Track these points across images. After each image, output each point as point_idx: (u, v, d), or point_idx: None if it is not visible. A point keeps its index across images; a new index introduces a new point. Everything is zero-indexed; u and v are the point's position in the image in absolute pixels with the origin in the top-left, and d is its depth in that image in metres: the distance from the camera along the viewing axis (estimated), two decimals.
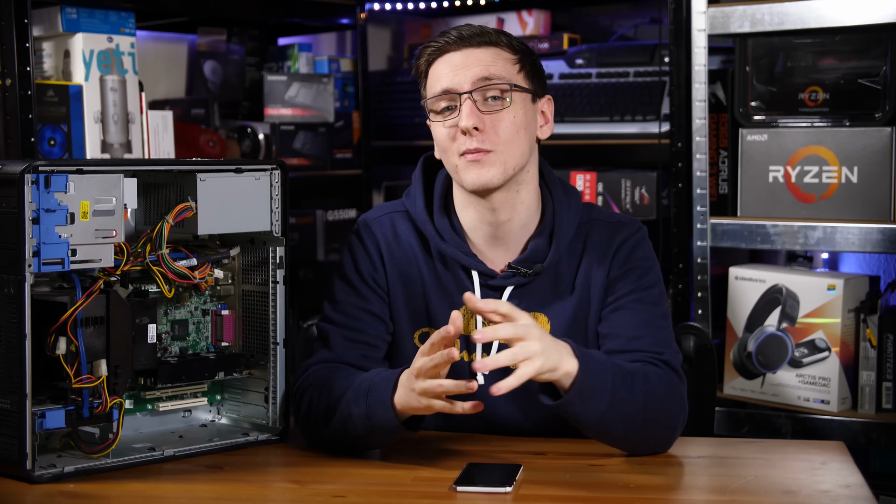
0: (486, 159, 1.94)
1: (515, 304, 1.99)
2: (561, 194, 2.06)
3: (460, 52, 1.97)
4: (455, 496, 1.72)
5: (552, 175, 2.09)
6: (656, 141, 3.06)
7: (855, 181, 2.75)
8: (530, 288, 2.03)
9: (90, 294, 1.83)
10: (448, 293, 2.04)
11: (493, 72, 1.96)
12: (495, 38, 1.99)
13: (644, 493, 1.74)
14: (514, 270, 2.02)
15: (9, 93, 2.53)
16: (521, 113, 1.97)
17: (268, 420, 2.06)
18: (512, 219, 2.02)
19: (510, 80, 1.96)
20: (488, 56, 1.97)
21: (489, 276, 2.03)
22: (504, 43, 1.99)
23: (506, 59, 1.98)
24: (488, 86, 1.95)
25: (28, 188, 1.75)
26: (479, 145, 1.94)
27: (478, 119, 1.94)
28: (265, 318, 2.06)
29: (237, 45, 3.52)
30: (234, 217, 1.99)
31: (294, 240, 3.41)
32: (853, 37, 2.75)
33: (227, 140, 3.27)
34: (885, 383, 2.76)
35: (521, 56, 2.00)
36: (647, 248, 2.06)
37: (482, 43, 1.97)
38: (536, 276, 2.02)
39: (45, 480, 1.78)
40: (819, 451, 1.95)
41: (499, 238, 2.04)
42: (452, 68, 1.96)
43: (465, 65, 1.96)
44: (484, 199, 2.00)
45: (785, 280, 2.85)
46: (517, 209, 2.02)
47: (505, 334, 1.78)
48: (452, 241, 2.04)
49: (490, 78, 1.95)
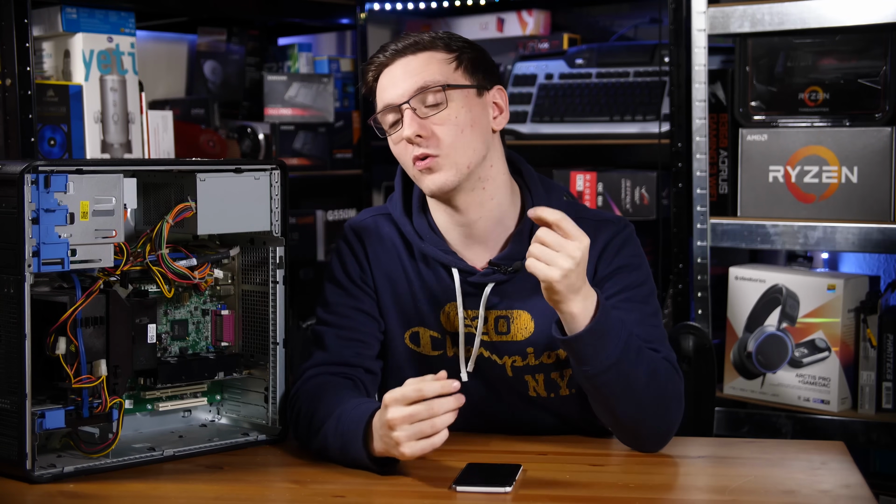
0: (434, 164, 1.95)
1: (497, 300, 2.02)
2: (540, 191, 2.06)
3: (397, 63, 1.98)
4: (455, 496, 1.72)
5: (530, 172, 2.09)
6: (656, 141, 3.06)
7: (855, 181, 2.75)
8: (512, 285, 2.03)
9: (90, 294, 1.83)
10: (432, 292, 2.05)
11: (427, 77, 1.96)
12: (429, 42, 1.99)
13: (644, 493, 1.74)
14: (495, 268, 2.02)
15: (9, 93, 2.53)
16: (464, 111, 1.97)
17: (267, 420, 2.06)
18: (483, 216, 2.02)
19: (445, 80, 1.96)
20: (421, 63, 1.97)
21: (469, 273, 2.03)
22: (440, 45, 1.99)
23: (440, 61, 1.98)
24: (425, 92, 1.95)
25: (28, 188, 1.75)
26: (426, 151, 1.95)
27: (419, 126, 1.94)
28: (265, 318, 2.06)
29: (237, 45, 3.52)
30: (234, 217, 1.99)
31: (294, 240, 3.41)
32: (853, 37, 2.75)
33: (227, 140, 3.27)
34: (885, 383, 2.76)
35: (459, 53, 2.00)
36: (634, 245, 2.06)
37: (416, 50, 1.98)
38: (516, 273, 2.02)
39: (45, 480, 1.78)
40: (819, 451, 1.95)
41: (474, 237, 2.04)
42: (392, 81, 1.98)
43: (402, 76, 1.97)
44: (448, 202, 2.01)
45: (785, 280, 2.85)
46: (486, 206, 2.02)
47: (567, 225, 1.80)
48: (431, 241, 2.05)
49: (425, 85, 1.95)
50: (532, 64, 3.39)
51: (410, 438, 1.75)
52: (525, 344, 2.02)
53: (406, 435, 1.75)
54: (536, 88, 3.35)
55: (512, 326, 2.02)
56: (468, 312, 2.03)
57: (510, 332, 2.02)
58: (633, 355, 1.86)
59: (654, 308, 2.02)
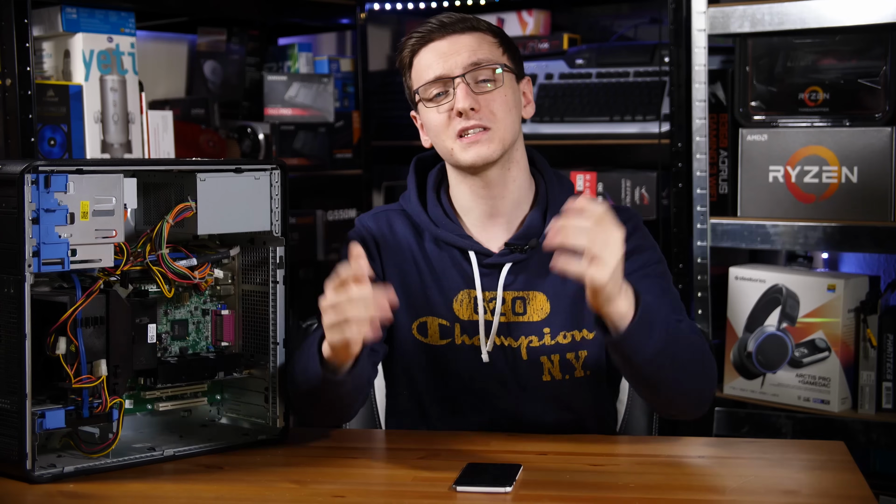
0: (484, 137, 2.02)
1: (512, 280, 2.06)
2: (553, 177, 2.14)
3: (446, 39, 2.05)
4: (455, 496, 1.72)
5: (542, 160, 2.16)
6: (656, 141, 3.06)
7: (855, 181, 2.75)
8: (528, 266, 2.06)
9: (90, 294, 1.83)
10: (445, 279, 2.08)
11: (481, 55, 2.04)
12: (476, 23, 2.08)
13: (644, 493, 1.74)
14: (512, 248, 2.06)
15: (9, 93, 2.53)
16: (511, 92, 2.06)
17: (268, 420, 2.06)
18: (505, 196, 2.08)
19: (497, 61, 2.05)
20: (474, 41, 2.05)
21: (486, 255, 2.07)
22: (485, 28, 2.09)
23: (490, 43, 2.07)
24: (478, 68, 2.03)
25: (28, 188, 1.75)
26: (478, 122, 2.01)
27: (473, 100, 2.01)
28: (265, 317, 2.06)
29: (237, 45, 3.52)
30: (234, 217, 1.99)
31: (294, 240, 3.41)
32: (853, 37, 2.75)
33: (227, 140, 3.27)
34: (885, 383, 2.76)
35: (502, 39, 2.10)
36: (644, 231, 2.11)
37: (465, 29, 2.06)
38: (532, 250, 2.05)
39: (45, 480, 1.78)
40: (819, 451, 1.95)
41: (494, 216, 2.09)
42: (441, 55, 2.04)
43: (453, 51, 2.04)
44: (479, 176, 2.06)
45: (785, 280, 2.85)
46: (509, 186, 2.08)
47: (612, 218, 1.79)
48: (447, 227, 2.09)
49: (479, 62, 2.03)
50: (532, 64, 3.39)
51: (330, 324, 1.81)
52: (541, 325, 2.05)
53: (327, 321, 1.81)
54: (536, 88, 3.35)
55: (528, 307, 2.05)
56: (486, 294, 2.06)
57: (526, 312, 2.06)
58: (674, 334, 1.89)
59: (670, 282, 2.07)
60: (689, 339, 1.93)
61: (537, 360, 2.06)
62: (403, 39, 2.10)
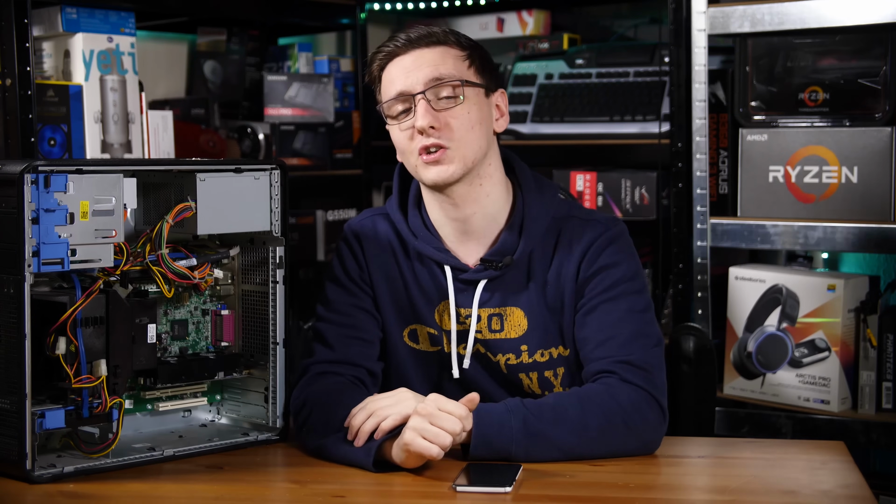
0: (444, 157, 1.98)
1: (488, 297, 2.04)
2: (532, 188, 2.08)
3: (410, 54, 2.00)
4: (455, 496, 1.72)
5: (524, 170, 2.11)
6: (656, 141, 3.06)
7: (855, 181, 2.75)
8: (503, 281, 2.05)
9: (90, 294, 1.83)
10: (426, 290, 2.08)
11: (444, 71, 1.99)
12: (443, 37, 2.01)
13: (644, 493, 1.74)
14: (486, 264, 2.04)
15: (9, 93, 2.53)
16: (475, 108, 2.00)
17: (268, 420, 2.06)
18: (477, 212, 2.04)
19: (461, 76, 2.00)
20: (437, 55, 2.00)
21: (461, 269, 2.06)
22: (452, 41, 2.02)
23: (455, 57, 2.01)
24: (440, 84, 1.98)
25: (28, 188, 1.75)
26: (437, 141, 1.97)
27: (433, 118, 1.97)
28: (265, 318, 2.06)
29: (237, 45, 3.52)
30: (234, 217, 1.99)
31: (294, 240, 3.41)
32: (853, 37, 2.75)
33: (227, 140, 3.27)
34: (885, 383, 2.76)
35: (470, 52, 2.03)
36: (619, 244, 2.05)
37: (430, 43, 2.00)
38: (507, 268, 2.03)
39: (45, 480, 1.78)
40: (819, 451, 1.95)
41: (468, 233, 2.06)
42: (404, 71, 1.99)
43: (416, 66, 1.99)
44: (446, 194, 2.03)
45: (785, 280, 2.85)
46: (482, 202, 2.04)
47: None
48: (425, 238, 2.07)
49: (441, 77, 1.98)
50: (532, 64, 3.39)
51: (417, 430, 1.77)
52: (519, 342, 2.04)
53: (416, 426, 1.78)
54: (536, 88, 3.35)
55: (505, 324, 2.04)
56: (461, 311, 2.04)
57: (504, 329, 2.04)
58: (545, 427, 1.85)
59: (640, 305, 2.02)
60: (583, 412, 1.87)
61: (516, 375, 2.06)
62: (372, 53, 2.06)
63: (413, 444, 1.77)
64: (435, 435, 1.76)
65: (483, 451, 1.83)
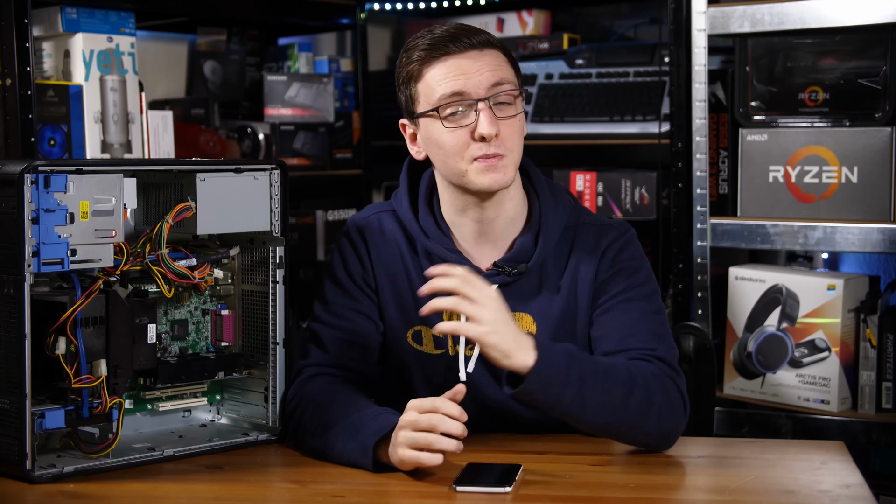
0: (500, 164, 1.95)
1: None
2: (547, 195, 2.07)
3: (465, 54, 1.95)
4: (455, 496, 1.72)
5: (538, 175, 2.10)
6: (656, 141, 3.06)
7: (855, 181, 2.75)
8: (515, 287, 2.03)
9: (90, 294, 1.83)
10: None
11: (503, 76, 1.96)
12: (496, 41, 1.99)
13: (644, 493, 1.74)
14: (499, 269, 2.02)
15: (9, 93, 2.53)
16: (522, 116, 2.00)
17: (267, 420, 2.06)
18: (500, 215, 2.03)
19: (515, 83, 1.98)
20: (495, 60, 1.97)
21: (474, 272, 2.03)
22: (499, 45, 2.00)
23: (506, 62, 1.99)
24: (501, 91, 1.95)
25: (28, 188, 1.75)
26: (496, 150, 1.94)
27: (497, 126, 1.94)
28: (265, 317, 2.06)
29: (237, 45, 3.52)
30: (234, 217, 1.99)
31: (294, 240, 3.41)
32: (853, 37, 2.75)
33: (227, 140, 3.27)
34: (885, 383, 2.76)
35: (510, 57, 2.01)
36: (634, 248, 2.06)
37: (483, 44, 1.97)
38: (521, 275, 2.02)
39: (45, 480, 1.78)
40: (819, 451, 1.95)
41: (485, 235, 2.04)
42: (462, 72, 1.95)
43: (477, 69, 1.95)
44: (481, 197, 2.00)
45: (785, 280, 2.85)
46: (505, 206, 2.03)
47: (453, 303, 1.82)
48: (437, 239, 2.05)
49: (501, 83, 1.95)
50: (532, 64, 3.39)
51: (406, 443, 1.77)
52: None
53: (404, 439, 1.77)
54: (536, 88, 3.35)
55: None
56: None
57: None
58: (596, 383, 1.84)
59: (657, 307, 2.03)
60: (631, 383, 1.86)
61: None
62: (409, 47, 2.00)
63: (409, 460, 1.77)
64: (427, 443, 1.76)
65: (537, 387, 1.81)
